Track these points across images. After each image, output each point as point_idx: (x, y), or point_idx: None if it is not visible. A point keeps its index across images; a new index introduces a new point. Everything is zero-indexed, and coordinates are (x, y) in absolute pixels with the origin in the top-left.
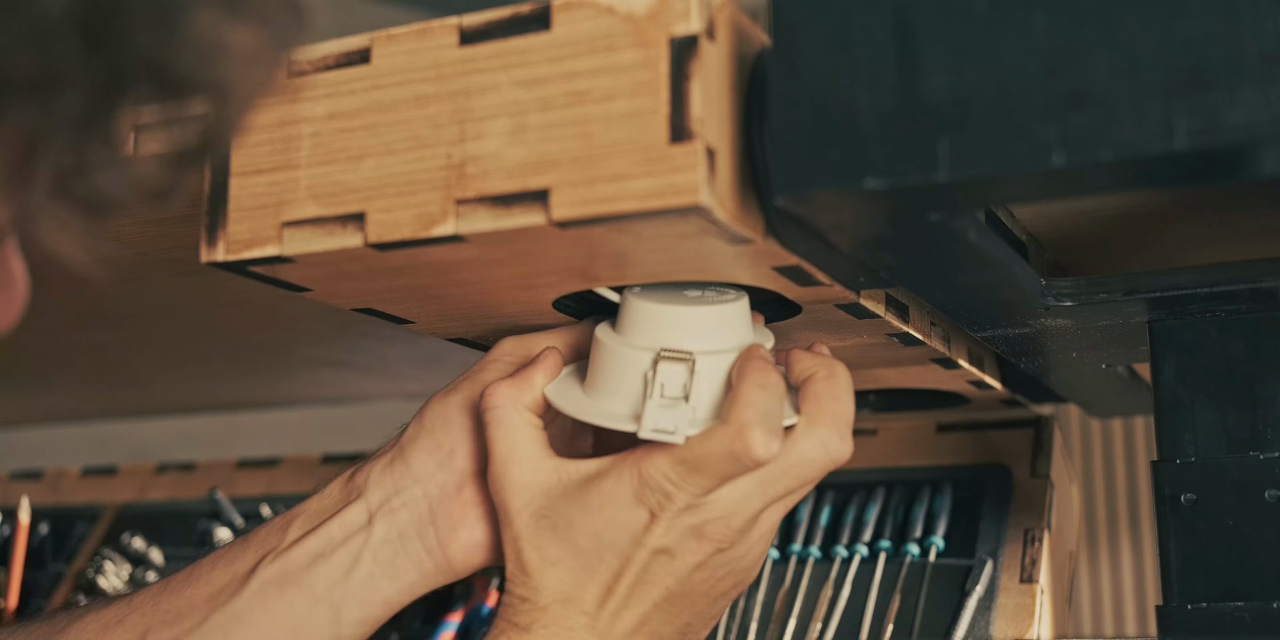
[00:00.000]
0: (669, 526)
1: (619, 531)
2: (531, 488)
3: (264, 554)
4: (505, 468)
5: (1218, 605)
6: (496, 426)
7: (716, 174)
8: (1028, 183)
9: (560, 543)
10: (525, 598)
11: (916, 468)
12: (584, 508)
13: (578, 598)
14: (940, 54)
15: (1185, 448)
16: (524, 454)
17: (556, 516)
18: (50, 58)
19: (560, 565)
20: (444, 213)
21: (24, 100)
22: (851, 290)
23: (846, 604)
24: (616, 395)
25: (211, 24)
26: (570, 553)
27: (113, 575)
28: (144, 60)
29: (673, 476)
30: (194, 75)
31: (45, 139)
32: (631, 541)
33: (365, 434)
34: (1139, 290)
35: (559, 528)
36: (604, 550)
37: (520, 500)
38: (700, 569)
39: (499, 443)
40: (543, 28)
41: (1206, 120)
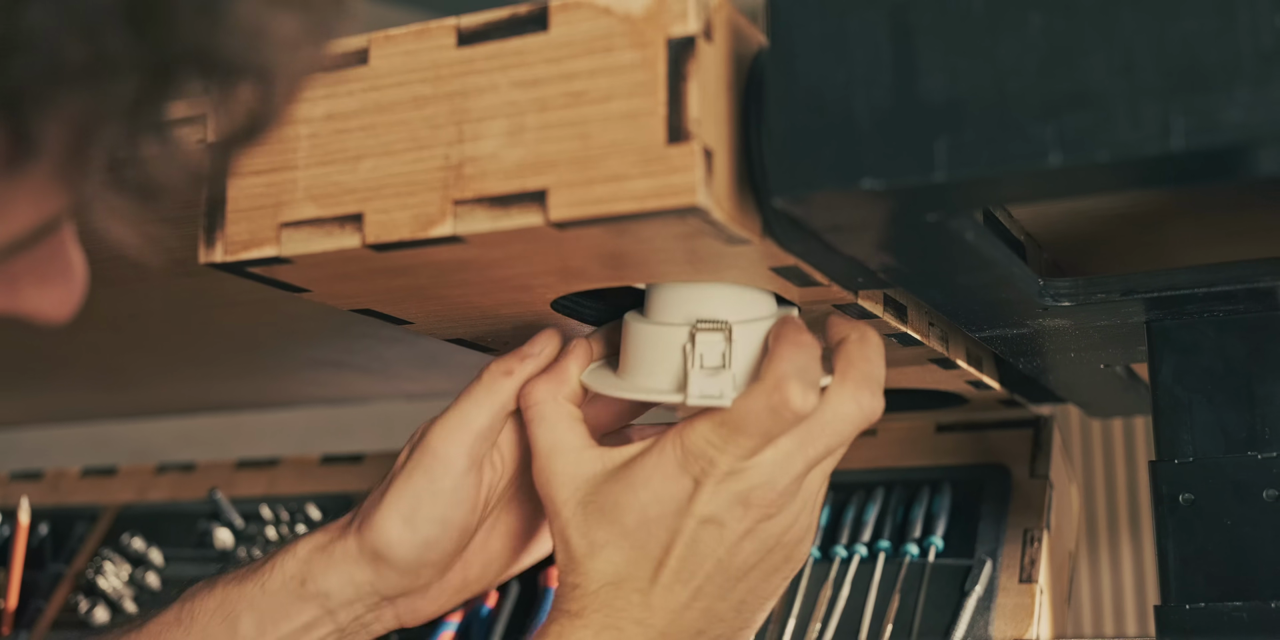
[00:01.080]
0: (714, 493)
1: (665, 504)
2: (576, 478)
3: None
4: (550, 460)
5: (1216, 605)
6: (539, 422)
7: (714, 175)
8: (1025, 183)
9: (607, 525)
10: (576, 585)
11: (915, 468)
12: (629, 486)
13: (628, 577)
14: (937, 54)
15: (1183, 448)
16: (567, 445)
17: (603, 500)
18: (99, 45)
19: (609, 547)
20: (442, 213)
21: (76, 88)
22: (849, 291)
23: (846, 604)
24: (655, 373)
25: (255, 10)
26: (618, 534)
27: (112, 576)
28: (191, 46)
29: (715, 440)
30: (239, 60)
31: (98, 126)
32: (678, 513)
33: (364, 434)
34: (1137, 290)
35: (605, 510)
36: (651, 525)
37: (566, 490)
38: (749, 538)
39: (542, 437)
40: (540, 29)
41: (1203, 120)
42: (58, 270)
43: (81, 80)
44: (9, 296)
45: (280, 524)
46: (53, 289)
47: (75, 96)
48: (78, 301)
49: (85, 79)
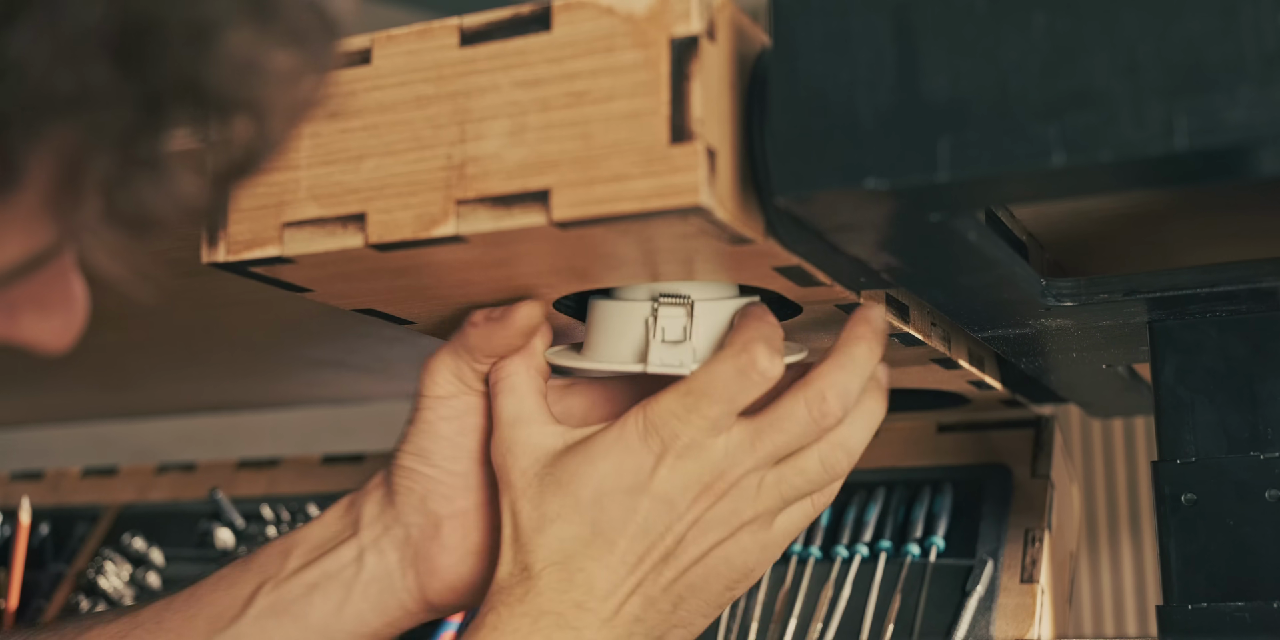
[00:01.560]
0: (672, 468)
1: (622, 477)
2: (537, 449)
3: (263, 580)
4: (512, 429)
5: (1218, 605)
6: (506, 393)
7: (717, 174)
8: (1028, 183)
9: (562, 496)
10: (523, 564)
11: (917, 468)
12: (588, 458)
13: (575, 554)
14: (940, 54)
15: (1185, 448)
16: (531, 416)
17: (560, 472)
18: (85, 75)
19: (559, 521)
20: (444, 213)
21: (62, 117)
22: (852, 290)
23: (847, 604)
24: (617, 346)
25: (247, 43)
26: (571, 506)
27: (113, 576)
28: (181, 79)
29: (678, 409)
30: (231, 94)
31: (87, 157)
32: (634, 488)
33: (365, 434)
34: (1139, 290)
35: (562, 482)
36: (605, 500)
37: (525, 460)
38: (697, 527)
39: (507, 407)
40: (543, 28)
41: (1206, 120)
42: (57, 299)
43: (68, 110)
44: (8, 325)
45: (281, 524)
46: (52, 318)
47: (62, 126)
48: (78, 331)
49: (72, 109)
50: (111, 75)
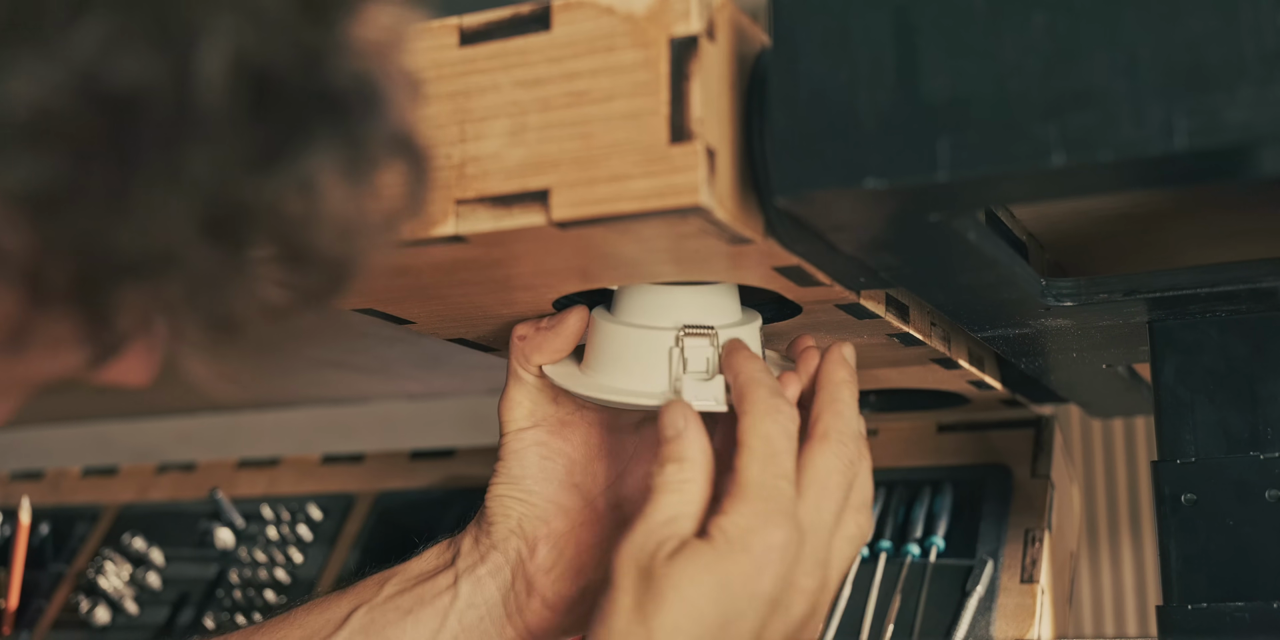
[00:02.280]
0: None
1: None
2: (659, 547)
3: (358, 604)
4: (650, 533)
5: (1218, 605)
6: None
7: (716, 174)
8: (1028, 183)
9: (681, 610)
10: None
11: (917, 468)
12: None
13: None
14: (940, 54)
15: (1185, 448)
16: (680, 530)
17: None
18: (174, 252)
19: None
20: (444, 213)
21: (151, 279)
22: (852, 290)
23: (847, 604)
24: (633, 375)
25: (344, 203)
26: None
27: (113, 575)
28: (278, 242)
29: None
30: (325, 253)
31: (168, 303)
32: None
33: (365, 434)
34: (1139, 290)
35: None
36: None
37: (644, 556)
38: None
39: (665, 507)
40: (543, 28)
41: (1206, 120)
42: (138, 352)
43: (158, 276)
44: (93, 374)
45: (281, 524)
46: (133, 365)
47: (148, 292)
48: (156, 372)
49: (162, 275)
50: (203, 247)
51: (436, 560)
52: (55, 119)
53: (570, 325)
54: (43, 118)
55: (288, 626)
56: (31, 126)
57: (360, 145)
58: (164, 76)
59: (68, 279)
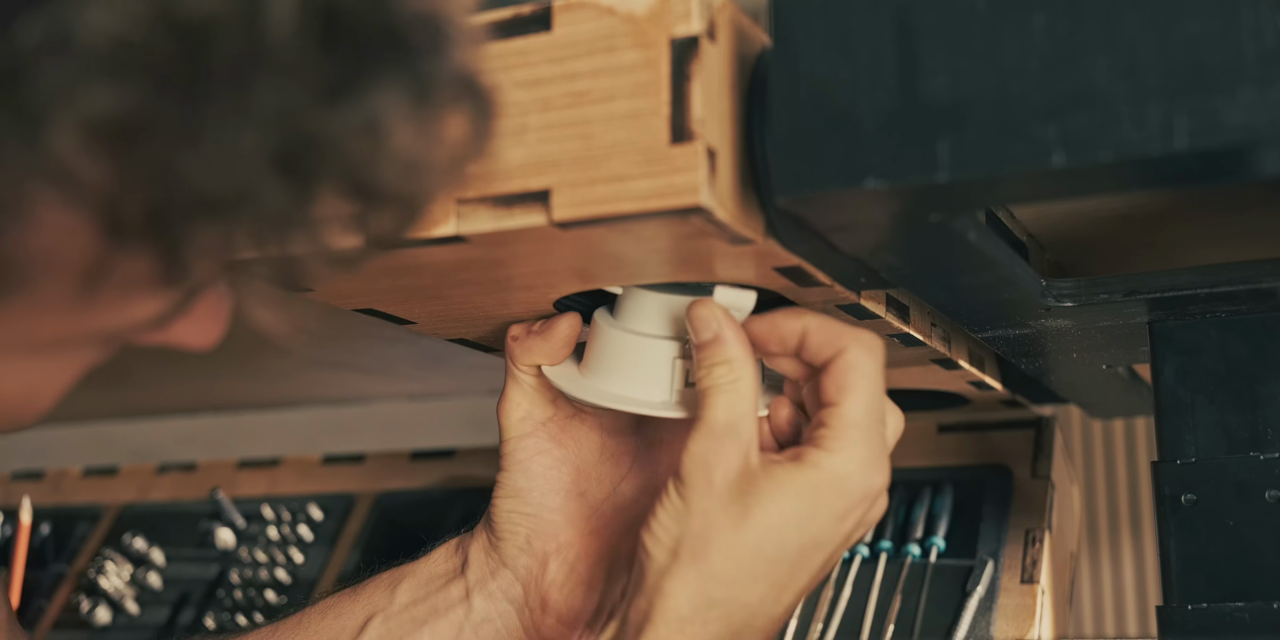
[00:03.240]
0: (860, 520)
1: (819, 530)
2: (743, 463)
3: (372, 612)
4: (726, 434)
5: (1218, 606)
6: (727, 391)
7: (717, 175)
8: (1028, 183)
9: (764, 534)
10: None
11: (917, 468)
12: (794, 501)
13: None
14: (940, 54)
15: (1186, 448)
16: (747, 427)
17: (763, 502)
18: (248, 185)
19: (761, 559)
20: (445, 213)
21: (223, 215)
22: (852, 291)
23: (847, 604)
24: (635, 383)
25: (410, 141)
26: (775, 546)
27: (114, 575)
28: (346, 178)
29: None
30: (393, 190)
31: (242, 235)
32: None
33: (366, 434)
34: (1139, 291)
35: (769, 518)
36: (803, 557)
37: (731, 470)
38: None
39: (723, 405)
40: (544, 28)
41: (1206, 121)
42: (205, 309)
43: (230, 212)
44: (161, 335)
45: (282, 524)
46: (200, 324)
47: (221, 227)
48: (222, 333)
49: (234, 211)
50: (273, 181)
51: (446, 564)
52: (133, 49)
53: (560, 331)
54: (120, 48)
55: (303, 632)
56: (110, 57)
57: (426, 84)
58: (236, 8)
59: (142, 213)
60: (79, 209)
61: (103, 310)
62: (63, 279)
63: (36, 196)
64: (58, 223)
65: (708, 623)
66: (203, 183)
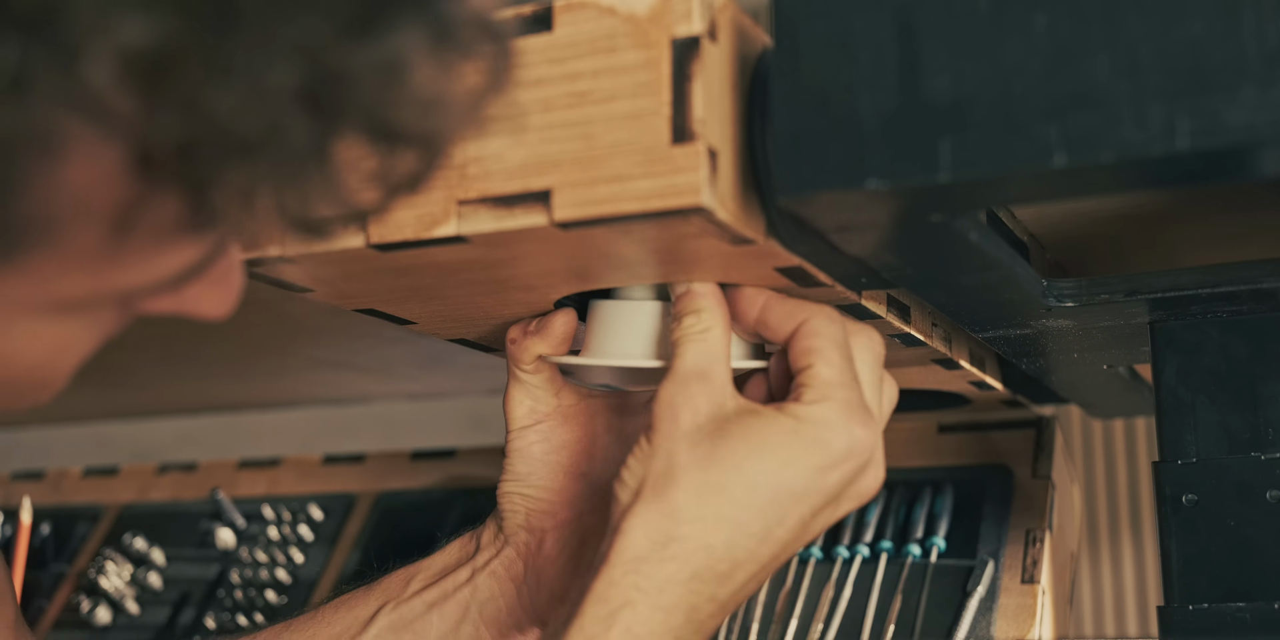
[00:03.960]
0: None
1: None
2: (715, 405)
3: (385, 601)
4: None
5: (1219, 606)
6: (698, 340)
7: (718, 175)
8: (1029, 184)
9: (731, 471)
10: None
11: (918, 468)
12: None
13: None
14: (942, 55)
15: (1187, 448)
16: (720, 371)
17: (732, 443)
18: (275, 122)
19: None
20: (446, 213)
21: (251, 160)
22: (853, 291)
23: (848, 604)
24: (625, 342)
25: (430, 80)
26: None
27: (114, 575)
28: (369, 119)
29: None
30: (416, 129)
31: (269, 184)
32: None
33: (366, 434)
34: (1140, 291)
35: (735, 458)
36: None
37: (701, 413)
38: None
39: (695, 353)
40: (544, 29)
41: (1208, 121)
42: (220, 274)
43: (258, 151)
44: (176, 301)
45: (282, 524)
46: (215, 290)
47: (249, 167)
48: (237, 300)
49: (261, 150)
50: (300, 120)
51: (459, 553)
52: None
53: (557, 328)
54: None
55: (316, 625)
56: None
57: (446, 24)
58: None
59: (173, 150)
60: (112, 144)
61: (129, 263)
62: (94, 225)
63: (71, 130)
64: (91, 158)
65: (663, 561)
66: (231, 118)
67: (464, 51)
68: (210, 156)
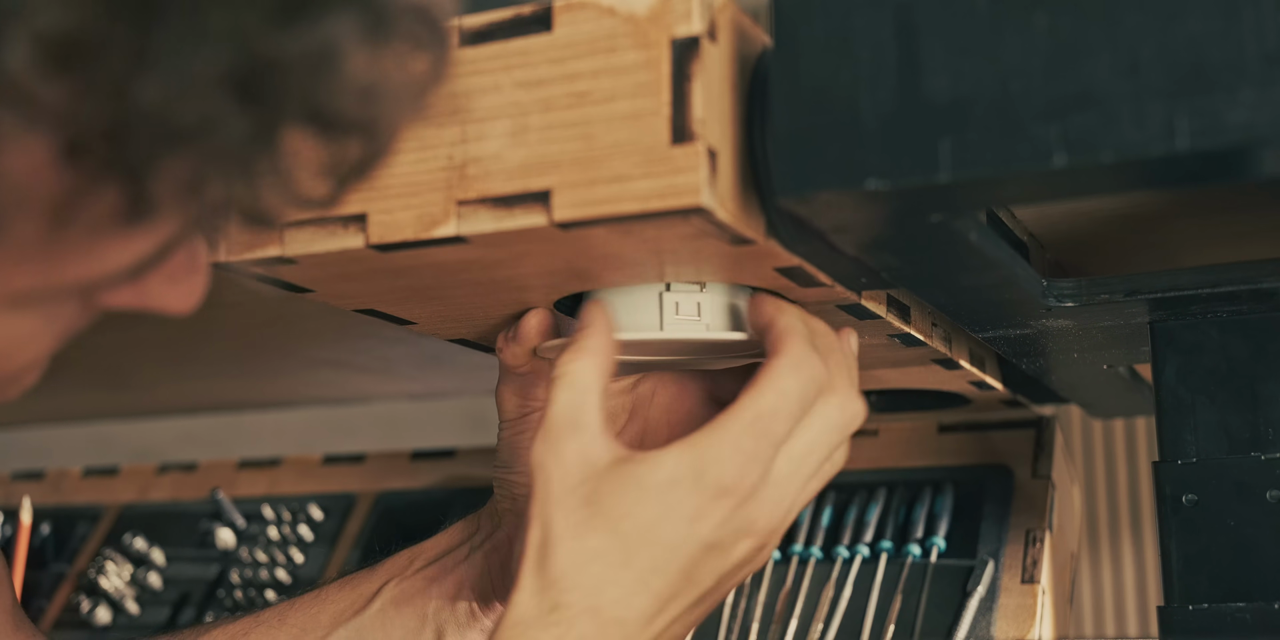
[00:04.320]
0: (727, 517)
1: (674, 524)
2: (583, 462)
3: (389, 578)
4: (564, 432)
5: (1219, 606)
6: (567, 387)
7: (718, 175)
8: (1029, 183)
9: (606, 531)
10: (554, 604)
11: (918, 468)
12: (639, 493)
13: (613, 600)
14: (941, 54)
15: (1187, 448)
16: (587, 421)
17: (606, 498)
18: (207, 111)
19: (601, 561)
20: (445, 214)
21: (189, 147)
22: (853, 291)
23: (848, 605)
24: (629, 321)
25: (365, 67)
26: (617, 546)
27: (114, 575)
28: (303, 106)
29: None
30: (351, 117)
31: (212, 175)
32: (685, 538)
33: (366, 434)
34: (1140, 291)
35: (606, 512)
36: (652, 546)
37: (571, 473)
38: (744, 567)
39: (564, 402)
40: (544, 29)
41: (1208, 121)
42: (183, 268)
43: (193, 142)
44: (137, 294)
45: (282, 524)
46: (178, 285)
47: (187, 157)
48: (201, 295)
49: (196, 139)
50: (233, 109)
51: (461, 533)
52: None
53: (530, 328)
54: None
55: (320, 603)
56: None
57: (379, 12)
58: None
59: (103, 139)
60: (41, 133)
61: (75, 255)
62: (32, 216)
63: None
64: (21, 148)
65: (548, 626)
66: (159, 106)
67: (400, 39)
68: (142, 145)
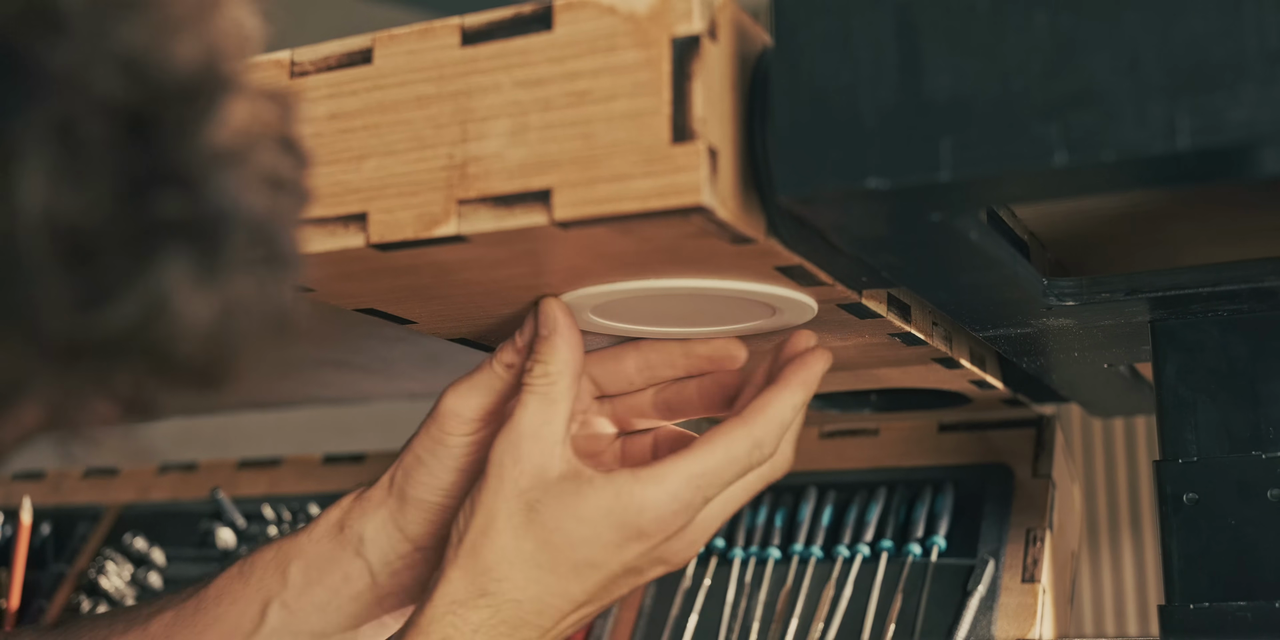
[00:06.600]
0: (650, 553)
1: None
2: (540, 470)
3: (268, 597)
4: (528, 439)
5: (1220, 605)
6: (541, 395)
7: (718, 174)
8: (1030, 182)
9: (543, 542)
10: (482, 590)
11: (918, 467)
12: (577, 515)
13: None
14: (942, 53)
15: (1187, 447)
16: (553, 432)
17: (549, 510)
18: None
19: (533, 565)
20: (446, 213)
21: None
22: (853, 290)
23: (848, 604)
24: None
25: (199, 312)
26: (548, 555)
27: (114, 576)
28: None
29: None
30: (188, 364)
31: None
32: (610, 560)
33: (366, 434)
34: (1141, 290)
35: (546, 524)
36: (581, 565)
37: (525, 477)
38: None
39: (534, 409)
40: (544, 28)
41: (1209, 119)
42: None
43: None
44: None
45: (282, 524)
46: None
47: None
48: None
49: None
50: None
51: (334, 539)
52: None
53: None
54: None
55: (203, 618)
56: None
57: (212, 254)
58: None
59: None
60: None
61: None
62: None
63: None
64: None
65: (478, 608)
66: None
67: (237, 271)
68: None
